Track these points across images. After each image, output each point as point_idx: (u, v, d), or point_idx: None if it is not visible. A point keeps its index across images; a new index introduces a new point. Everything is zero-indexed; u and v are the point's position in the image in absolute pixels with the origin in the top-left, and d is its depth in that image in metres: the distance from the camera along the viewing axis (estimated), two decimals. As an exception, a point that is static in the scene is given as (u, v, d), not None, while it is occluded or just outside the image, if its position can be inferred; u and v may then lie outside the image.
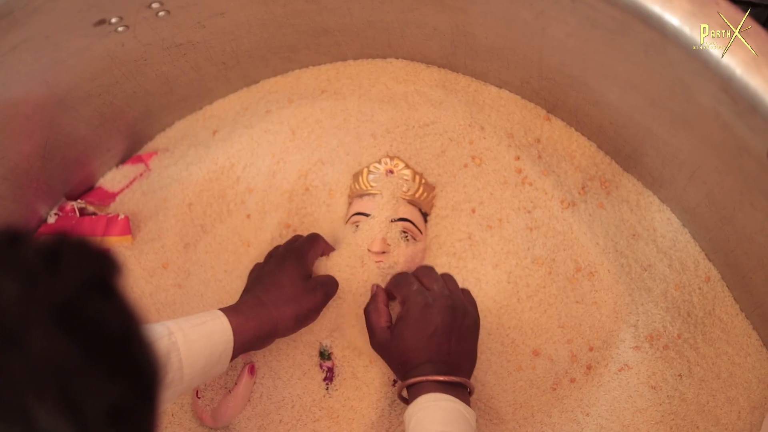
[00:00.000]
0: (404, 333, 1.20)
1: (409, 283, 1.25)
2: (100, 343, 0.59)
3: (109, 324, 0.60)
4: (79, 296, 0.59)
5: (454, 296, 1.24)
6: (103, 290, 0.61)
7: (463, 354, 1.21)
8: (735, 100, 1.00)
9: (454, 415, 1.09)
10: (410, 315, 1.21)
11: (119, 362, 0.60)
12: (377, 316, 1.25)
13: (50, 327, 0.56)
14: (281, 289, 1.21)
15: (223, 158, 1.44)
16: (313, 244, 1.31)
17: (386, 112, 1.43)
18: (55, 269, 0.59)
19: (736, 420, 1.28)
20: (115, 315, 0.61)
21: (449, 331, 1.20)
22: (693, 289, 1.36)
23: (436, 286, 1.25)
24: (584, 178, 1.41)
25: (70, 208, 1.44)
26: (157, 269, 1.40)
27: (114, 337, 0.60)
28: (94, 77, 1.31)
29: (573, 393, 1.31)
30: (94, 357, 0.58)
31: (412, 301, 1.22)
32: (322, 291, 1.25)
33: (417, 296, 1.23)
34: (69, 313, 0.57)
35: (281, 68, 1.53)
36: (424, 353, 1.18)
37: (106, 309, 0.61)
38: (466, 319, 1.23)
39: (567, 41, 1.21)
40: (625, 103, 1.28)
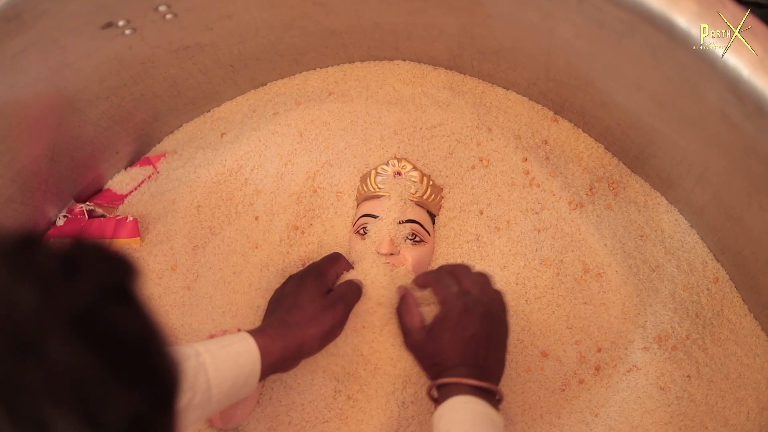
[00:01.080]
0: (443, 334, 1.19)
1: (449, 284, 1.24)
2: (120, 352, 0.58)
3: (128, 332, 0.60)
4: (98, 303, 0.58)
5: (492, 303, 1.23)
6: (122, 296, 0.61)
7: (495, 361, 1.21)
8: (742, 101, 1.00)
9: (484, 418, 1.09)
10: (450, 317, 1.20)
11: (139, 371, 0.60)
12: (411, 317, 1.25)
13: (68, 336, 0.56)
14: (302, 309, 1.21)
15: (230, 160, 1.44)
16: (333, 262, 1.31)
17: (393, 114, 1.43)
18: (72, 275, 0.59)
19: (745, 421, 1.28)
20: (134, 322, 0.61)
21: (486, 338, 1.19)
22: (701, 290, 1.36)
23: (474, 290, 1.23)
24: (592, 180, 1.41)
25: (79, 210, 1.45)
26: (166, 271, 1.40)
27: (133, 345, 0.60)
28: (102, 80, 1.31)
29: (582, 394, 1.31)
30: (114, 366, 0.57)
31: (452, 303, 1.21)
32: (343, 304, 1.24)
33: (457, 300, 1.21)
34: (87, 321, 0.57)
35: (288, 70, 1.53)
36: (460, 356, 1.17)
37: (124, 316, 0.60)
38: (501, 327, 1.22)
39: (574, 42, 1.21)
40: (633, 104, 1.27)
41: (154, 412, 0.60)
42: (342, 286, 1.27)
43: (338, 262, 1.32)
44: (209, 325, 1.35)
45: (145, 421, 0.59)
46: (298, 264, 1.39)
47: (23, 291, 0.56)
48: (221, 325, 1.34)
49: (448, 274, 1.26)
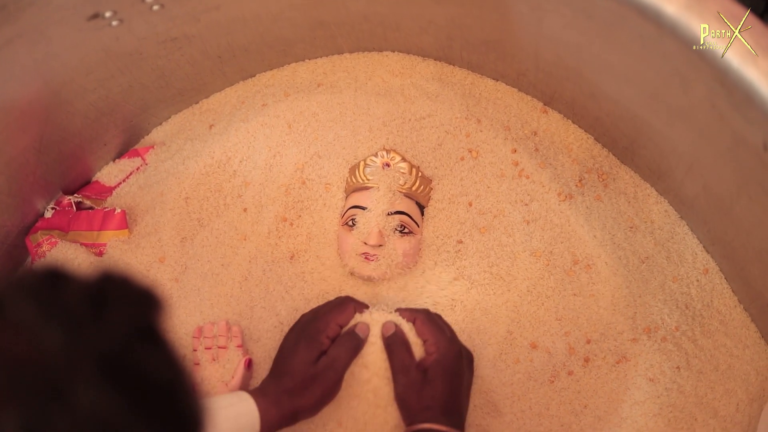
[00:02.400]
0: (441, 378, 1.19)
1: (440, 327, 1.25)
2: (148, 396, 0.58)
3: (156, 375, 0.59)
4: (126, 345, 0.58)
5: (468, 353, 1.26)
6: (150, 338, 0.60)
7: (466, 411, 1.22)
8: (731, 92, 1.00)
9: None
10: (447, 362, 1.20)
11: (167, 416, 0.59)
12: (408, 354, 1.23)
13: (97, 380, 0.55)
14: (293, 377, 1.20)
15: (219, 152, 1.44)
16: (336, 313, 1.27)
17: (382, 105, 1.43)
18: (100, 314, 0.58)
19: (735, 412, 1.28)
20: (162, 364, 0.60)
21: (468, 388, 1.22)
22: (691, 281, 1.35)
23: (458, 339, 1.25)
24: (581, 171, 1.41)
25: (67, 202, 1.44)
26: (154, 263, 1.40)
27: (160, 389, 0.59)
28: (89, 71, 1.30)
29: (571, 386, 1.31)
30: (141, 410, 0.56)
31: (449, 348, 1.22)
32: (333, 371, 1.21)
33: (452, 345, 1.22)
34: (116, 363, 0.56)
35: (277, 62, 1.53)
36: (447, 404, 1.18)
37: (153, 358, 0.59)
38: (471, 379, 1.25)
39: (563, 33, 1.21)
40: (622, 96, 1.27)
41: None
42: (336, 347, 1.24)
43: (343, 311, 1.28)
44: (197, 318, 1.35)
45: None
46: (286, 256, 1.39)
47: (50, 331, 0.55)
48: (209, 318, 1.34)
49: (437, 316, 1.28)
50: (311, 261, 1.39)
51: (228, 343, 1.31)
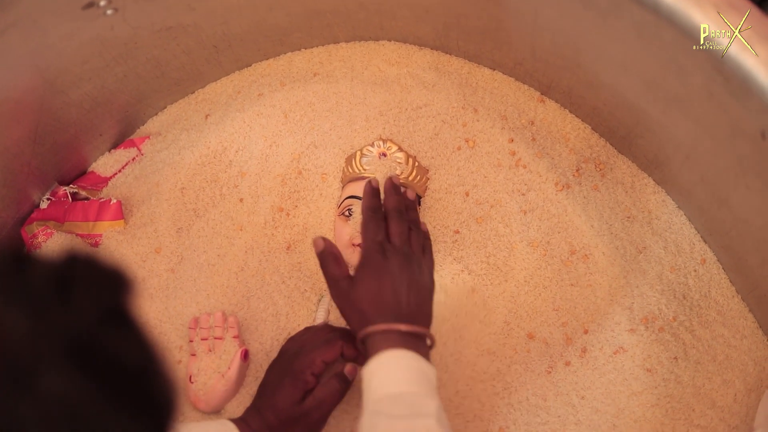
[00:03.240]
0: (363, 281, 1.16)
1: (373, 231, 1.21)
2: (117, 380, 0.57)
3: (125, 358, 0.58)
4: (93, 328, 0.57)
5: (413, 254, 1.21)
6: (118, 319, 0.59)
7: (420, 310, 1.18)
8: (728, 80, 0.99)
9: (418, 374, 1.07)
10: (369, 265, 1.17)
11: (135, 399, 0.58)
12: (338, 266, 1.20)
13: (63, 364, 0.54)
14: (278, 414, 1.20)
15: (215, 142, 1.44)
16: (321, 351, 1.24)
17: (379, 94, 1.42)
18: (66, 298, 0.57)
19: (732, 402, 1.28)
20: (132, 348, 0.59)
21: (407, 286, 1.16)
22: (688, 272, 1.35)
23: (398, 239, 1.20)
24: (579, 160, 1.41)
25: (63, 193, 1.44)
26: (150, 254, 1.40)
27: (130, 372, 0.58)
28: (84, 61, 1.30)
29: (568, 376, 1.30)
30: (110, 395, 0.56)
31: (371, 252, 1.18)
32: (318, 413, 1.22)
33: (376, 247, 1.19)
34: (82, 347, 0.56)
35: (273, 51, 1.53)
36: (384, 304, 1.14)
37: (121, 340, 0.59)
38: (422, 276, 1.19)
39: (559, 22, 1.20)
40: (619, 85, 1.27)
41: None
42: (323, 389, 1.22)
43: (330, 348, 1.25)
44: (193, 308, 1.34)
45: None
46: (283, 246, 1.38)
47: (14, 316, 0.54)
48: (205, 308, 1.34)
49: (378, 218, 1.23)
50: (308, 251, 1.39)
51: (224, 334, 1.30)
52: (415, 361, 1.08)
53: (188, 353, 1.31)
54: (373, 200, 1.24)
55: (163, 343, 1.34)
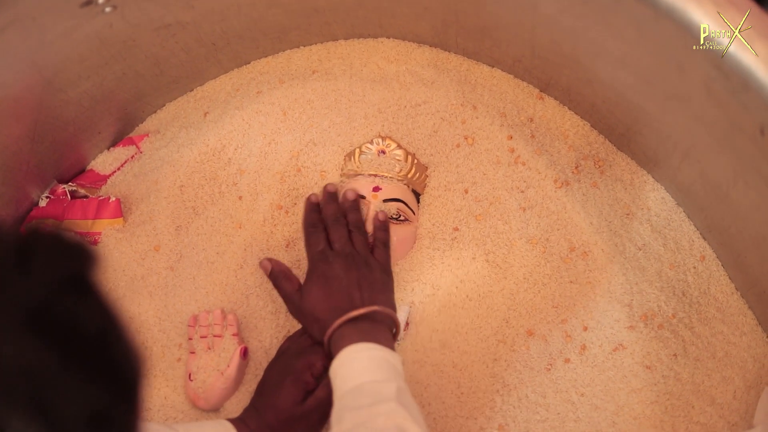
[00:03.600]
0: (311, 290, 1.21)
1: (315, 243, 1.26)
2: (77, 346, 0.57)
3: (85, 325, 0.58)
4: (53, 296, 0.57)
5: (355, 253, 1.25)
6: (79, 288, 0.59)
7: (376, 298, 1.21)
8: (728, 76, 0.99)
9: (380, 362, 1.09)
10: (315, 273, 1.22)
11: (97, 365, 0.58)
12: (289, 283, 1.26)
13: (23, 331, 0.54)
14: (279, 414, 1.20)
15: (214, 140, 1.44)
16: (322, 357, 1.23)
17: (378, 92, 1.42)
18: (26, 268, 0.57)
19: (732, 399, 1.28)
20: (92, 314, 0.59)
21: (357, 282, 1.20)
22: (688, 269, 1.35)
23: (338, 243, 1.25)
24: (578, 158, 1.41)
25: (62, 191, 1.44)
26: (149, 252, 1.40)
27: (91, 338, 0.58)
28: (83, 59, 1.30)
29: (567, 373, 1.30)
30: (71, 361, 0.56)
31: (314, 262, 1.24)
32: (318, 415, 1.22)
33: (319, 256, 1.24)
34: (42, 315, 0.56)
35: (272, 49, 1.53)
36: (335, 304, 1.18)
37: (82, 309, 0.59)
38: (371, 271, 1.23)
39: (559, 18, 1.20)
40: (618, 81, 1.27)
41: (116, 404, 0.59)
42: (324, 390, 1.22)
43: None
44: (193, 306, 1.34)
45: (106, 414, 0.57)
46: (282, 244, 1.38)
47: None
48: (204, 306, 1.34)
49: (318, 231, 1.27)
50: (307, 248, 1.39)
51: (223, 332, 1.30)
52: (374, 351, 1.11)
53: (187, 351, 1.31)
54: (311, 215, 1.29)
55: (163, 340, 1.34)
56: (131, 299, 1.36)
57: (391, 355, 1.10)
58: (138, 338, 1.34)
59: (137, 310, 1.35)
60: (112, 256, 1.39)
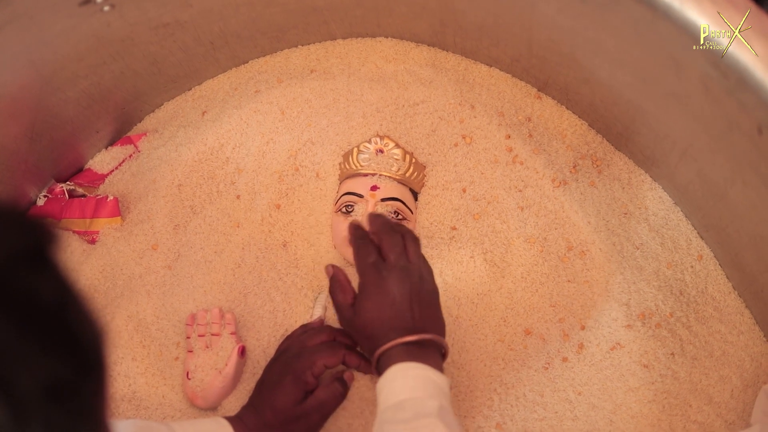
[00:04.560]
0: (365, 305, 1.17)
1: (366, 254, 1.20)
2: (33, 317, 0.57)
3: (41, 296, 0.58)
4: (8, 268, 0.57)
5: (409, 266, 1.20)
6: (36, 261, 0.59)
7: (428, 319, 1.18)
8: (726, 75, 0.99)
9: (426, 381, 1.08)
10: (367, 288, 1.18)
11: (55, 336, 0.58)
12: (343, 294, 1.22)
13: None
14: (276, 412, 1.20)
15: (212, 139, 1.44)
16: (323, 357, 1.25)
17: (376, 91, 1.42)
18: None
19: (729, 398, 1.28)
20: (49, 286, 0.60)
21: (409, 299, 1.16)
22: (685, 268, 1.35)
23: (391, 255, 1.20)
24: (575, 157, 1.41)
25: (60, 190, 1.44)
26: (147, 251, 1.40)
27: (48, 309, 0.59)
28: (81, 58, 1.30)
29: (565, 372, 1.30)
30: (26, 331, 0.56)
31: (367, 274, 1.19)
32: (319, 415, 1.23)
33: (371, 269, 1.18)
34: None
35: (270, 48, 1.53)
36: (388, 323, 1.15)
37: (38, 280, 0.59)
38: (423, 284, 1.19)
39: (557, 17, 1.20)
40: (616, 81, 1.27)
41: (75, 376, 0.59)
42: (325, 390, 1.24)
43: (333, 355, 1.26)
44: (190, 305, 1.34)
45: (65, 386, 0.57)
46: (279, 243, 1.38)
47: None
48: (202, 305, 1.34)
49: (367, 242, 1.22)
50: (304, 248, 1.39)
51: (221, 331, 1.30)
52: (421, 371, 1.09)
53: (185, 350, 1.32)
54: (358, 230, 1.24)
55: (161, 339, 1.34)
56: (129, 298, 1.36)
57: (437, 375, 1.10)
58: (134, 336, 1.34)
59: (135, 309, 1.35)
60: (110, 255, 1.39)
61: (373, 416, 1.24)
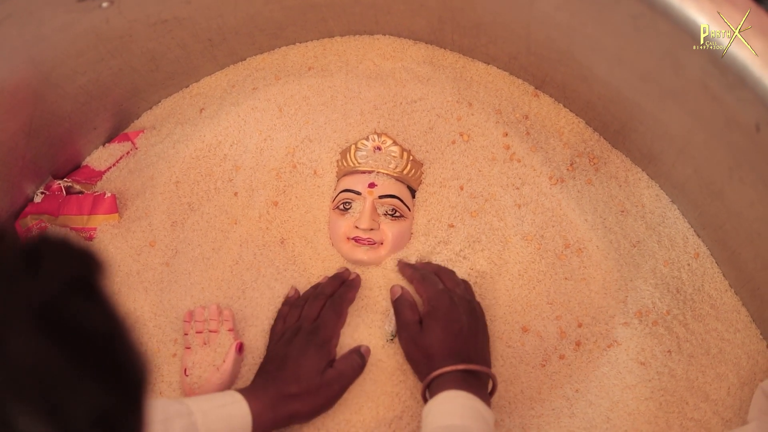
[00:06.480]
0: (434, 327, 1.22)
1: (434, 282, 1.28)
2: (84, 347, 0.57)
3: (92, 325, 0.59)
4: (61, 297, 0.57)
5: (474, 300, 1.28)
6: (86, 291, 0.60)
7: (484, 353, 1.24)
8: (724, 72, 0.99)
9: (473, 411, 1.11)
10: (439, 311, 1.23)
11: (103, 365, 0.58)
12: (411, 312, 1.27)
13: (31, 330, 0.55)
14: (299, 382, 1.21)
15: (210, 136, 1.44)
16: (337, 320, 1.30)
17: (373, 88, 1.43)
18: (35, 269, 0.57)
19: (726, 396, 1.28)
20: (99, 316, 0.60)
21: (472, 333, 1.23)
22: (682, 266, 1.36)
23: (458, 289, 1.28)
24: (573, 155, 1.41)
25: (57, 186, 1.44)
26: (145, 247, 1.40)
27: (97, 339, 0.59)
28: (79, 54, 1.30)
29: (562, 369, 1.31)
30: (77, 360, 0.56)
31: (439, 299, 1.25)
32: (339, 385, 1.24)
33: (443, 295, 1.25)
34: (50, 315, 0.56)
35: (268, 45, 1.53)
36: (450, 349, 1.20)
37: (88, 310, 0.59)
38: (483, 326, 1.26)
39: (555, 15, 1.20)
40: (614, 78, 1.27)
41: (121, 405, 0.59)
42: (344, 361, 1.26)
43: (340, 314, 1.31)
44: (188, 302, 1.34)
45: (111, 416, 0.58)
46: (277, 240, 1.38)
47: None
48: (200, 302, 1.34)
49: (431, 273, 1.30)
50: (302, 245, 1.39)
51: (219, 327, 1.30)
52: (470, 401, 1.12)
53: (183, 346, 1.31)
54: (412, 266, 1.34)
55: (158, 336, 1.34)
56: (126, 295, 1.36)
57: (485, 409, 1.13)
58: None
59: (132, 306, 1.35)
60: (108, 252, 1.39)
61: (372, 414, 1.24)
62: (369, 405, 1.25)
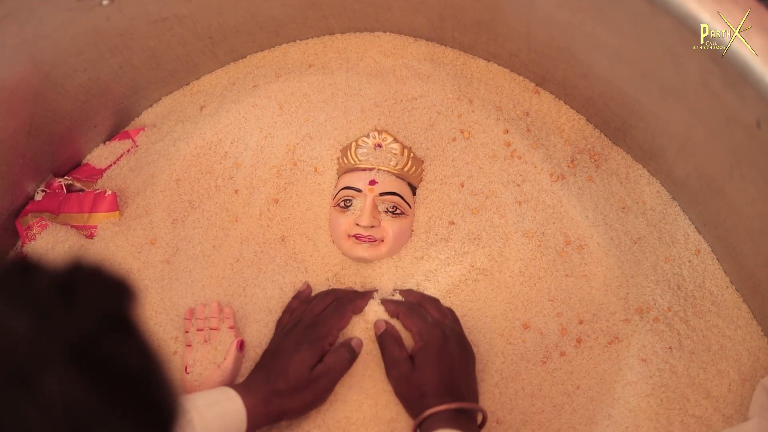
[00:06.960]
0: (427, 364, 1.21)
1: (422, 315, 1.27)
2: (118, 384, 0.57)
3: (127, 363, 0.58)
4: (96, 333, 0.57)
5: (461, 330, 1.28)
6: (121, 325, 0.60)
7: (473, 387, 1.24)
8: (724, 69, 0.99)
9: None
10: (431, 347, 1.22)
11: (138, 403, 0.58)
12: (399, 349, 1.25)
13: (65, 367, 0.54)
14: (288, 379, 1.21)
15: (210, 133, 1.44)
16: (337, 317, 1.29)
17: (374, 86, 1.43)
18: (69, 303, 0.57)
19: (727, 393, 1.28)
20: (134, 353, 0.60)
21: (464, 365, 1.23)
22: (683, 262, 1.36)
23: (447, 320, 1.27)
24: (573, 152, 1.41)
25: (58, 184, 1.44)
26: (145, 245, 1.39)
27: (133, 376, 0.58)
28: (80, 52, 1.30)
29: (563, 366, 1.31)
30: (112, 398, 0.56)
31: (431, 334, 1.24)
32: (327, 379, 1.23)
33: (435, 329, 1.24)
34: (85, 351, 0.56)
35: (268, 42, 1.53)
36: (444, 386, 1.19)
37: (124, 346, 0.59)
38: (471, 357, 1.26)
39: (555, 12, 1.20)
40: (614, 75, 1.27)
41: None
42: (332, 356, 1.25)
43: (342, 316, 1.29)
44: (189, 299, 1.34)
45: None
46: (278, 237, 1.39)
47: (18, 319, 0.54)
48: (201, 299, 1.34)
49: (418, 306, 1.29)
50: (303, 242, 1.39)
51: (220, 325, 1.30)
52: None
53: (184, 344, 1.31)
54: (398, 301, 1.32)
55: (159, 333, 1.33)
56: (127, 293, 1.36)
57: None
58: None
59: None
60: (108, 250, 1.39)
61: (372, 412, 1.24)
62: (368, 402, 1.25)
